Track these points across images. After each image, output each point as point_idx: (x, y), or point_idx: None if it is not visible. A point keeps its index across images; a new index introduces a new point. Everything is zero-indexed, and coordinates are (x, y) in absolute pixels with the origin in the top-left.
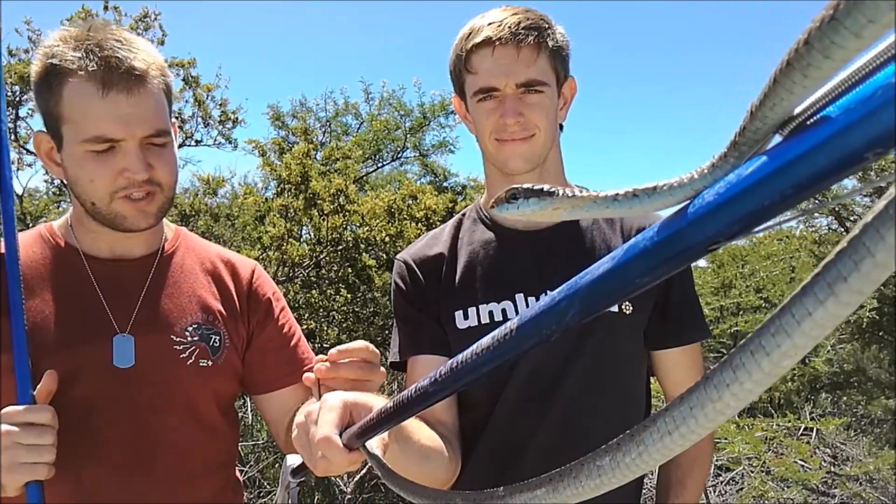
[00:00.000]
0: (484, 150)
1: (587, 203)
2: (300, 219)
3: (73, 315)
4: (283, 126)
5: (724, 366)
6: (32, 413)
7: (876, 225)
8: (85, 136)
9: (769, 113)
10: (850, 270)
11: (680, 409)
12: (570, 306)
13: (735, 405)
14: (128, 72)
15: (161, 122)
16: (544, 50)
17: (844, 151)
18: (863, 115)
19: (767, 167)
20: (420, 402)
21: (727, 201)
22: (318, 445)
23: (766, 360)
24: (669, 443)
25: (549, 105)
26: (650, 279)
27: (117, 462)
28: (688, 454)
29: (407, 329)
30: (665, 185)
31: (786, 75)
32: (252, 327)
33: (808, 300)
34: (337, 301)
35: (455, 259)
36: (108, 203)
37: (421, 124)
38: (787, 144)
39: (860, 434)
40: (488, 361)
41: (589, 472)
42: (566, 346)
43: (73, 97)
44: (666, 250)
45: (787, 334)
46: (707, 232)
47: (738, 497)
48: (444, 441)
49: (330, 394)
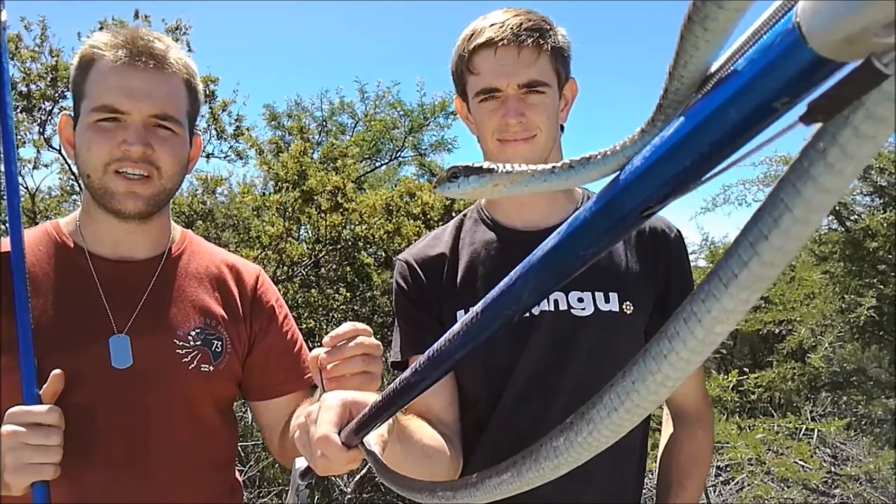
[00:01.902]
0: (486, 150)
1: (526, 177)
2: (298, 217)
3: (74, 314)
4: (279, 126)
5: (660, 336)
6: (40, 413)
7: (792, 179)
8: (94, 104)
9: (683, 71)
10: (770, 228)
11: (623, 383)
12: (525, 284)
13: (675, 375)
14: (148, 52)
15: (171, 107)
16: (546, 51)
17: (752, 104)
18: (763, 65)
19: (684, 128)
20: (406, 393)
21: (652, 165)
22: (317, 444)
23: (699, 327)
24: (617, 418)
25: (551, 106)
26: (595, 250)
27: (115, 462)
28: (688, 455)
29: (408, 329)
30: (598, 154)
31: (688, 29)
32: (254, 334)
33: (733, 262)
34: (336, 300)
35: (456, 259)
36: (102, 175)
37: (421, 125)
38: (700, 102)
39: (860, 434)
40: (461, 346)
41: (546, 453)
42: (566, 347)
43: (95, 73)
44: (603, 220)
45: (716, 298)
46: (638, 197)
47: (738, 497)
48: (446, 440)
49: (329, 393)
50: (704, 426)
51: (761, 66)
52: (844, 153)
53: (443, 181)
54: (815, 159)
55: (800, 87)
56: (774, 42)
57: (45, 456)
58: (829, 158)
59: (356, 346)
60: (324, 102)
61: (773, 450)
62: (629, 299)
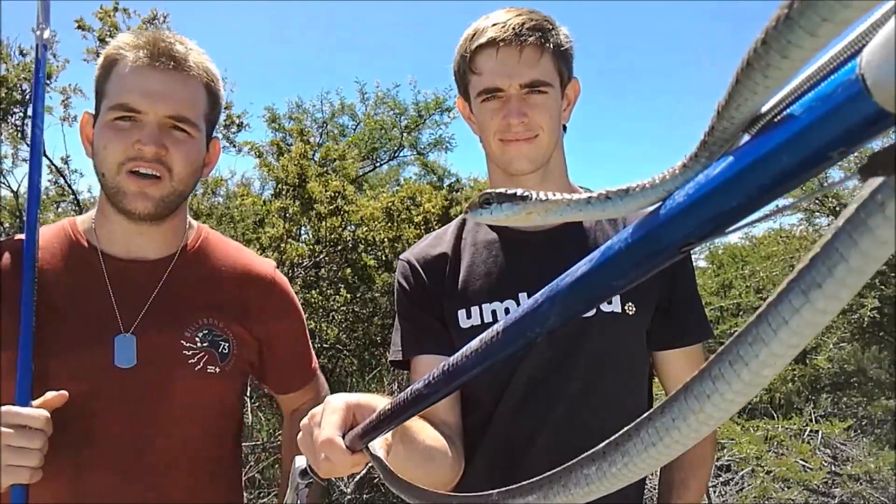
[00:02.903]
0: (488, 150)
1: (560, 207)
2: (299, 219)
3: (81, 313)
4: (280, 128)
5: (703, 376)
6: (27, 416)
7: (848, 230)
8: (112, 103)
9: (735, 113)
10: (825, 276)
11: (662, 419)
12: (551, 309)
13: (718, 415)
14: (167, 53)
15: (188, 110)
16: (548, 51)
17: (807, 151)
18: (823, 113)
19: (732, 168)
20: (416, 404)
21: (696, 202)
22: (321, 447)
23: (745, 371)
24: (654, 453)
25: (553, 106)
26: (626, 281)
27: (118, 463)
28: (690, 455)
29: (410, 328)
30: (637, 187)
31: (747, 76)
32: (266, 332)
33: (784, 308)
34: (337, 301)
35: (458, 259)
36: (115, 174)
37: (416, 123)
38: (751, 144)
39: (860, 434)
40: (477, 364)
41: (577, 480)
42: (568, 347)
43: (115, 73)
44: (639, 253)
45: (764, 343)
46: (678, 233)
47: (738, 497)
48: (448, 441)
49: (333, 396)
50: None
51: (820, 115)
52: None
53: (475, 207)
54: (873, 211)
55: (858, 138)
56: (835, 91)
57: (25, 459)
58: (888, 211)
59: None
60: (324, 104)
61: (774, 450)
62: (631, 300)
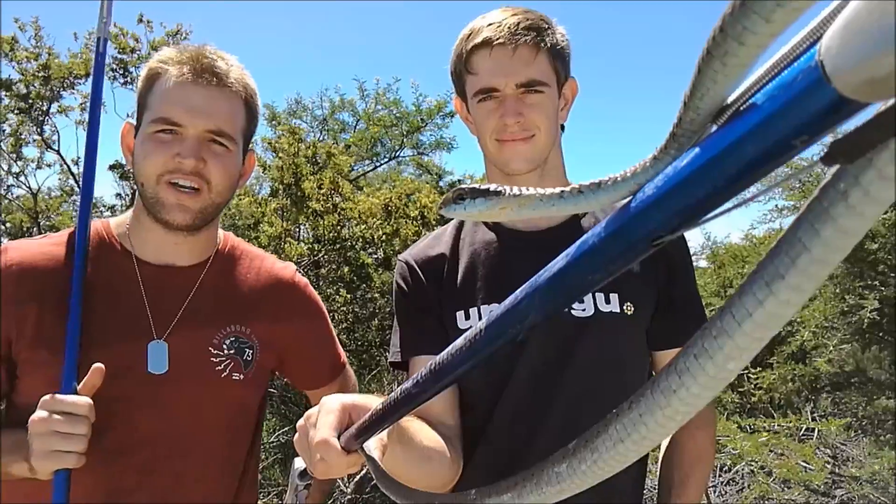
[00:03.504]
0: (485, 150)
1: (533, 201)
2: (296, 218)
3: (116, 316)
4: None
5: (670, 370)
6: (70, 403)
7: (811, 219)
8: (154, 116)
9: (700, 103)
10: (788, 267)
11: (630, 415)
12: (530, 305)
13: (685, 410)
14: (209, 70)
15: (227, 124)
16: (544, 50)
17: (770, 140)
18: (784, 102)
19: (698, 160)
20: (406, 404)
21: (664, 195)
22: (316, 448)
23: (711, 364)
24: (623, 449)
25: (550, 105)
26: (603, 275)
27: (143, 463)
28: (689, 455)
29: (409, 329)
30: (609, 181)
31: (707, 63)
32: (291, 335)
33: (748, 300)
34: (336, 301)
35: (457, 259)
36: (155, 185)
37: (418, 126)
38: (717, 135)
39: (860, 434)
40: (463, 361)
41: (549, 478)
42: (567, 348)
43: (158, 87)
44: (612, 247)
45: (728, 336)
46: (648, 226)
47: (739, 498)
48: (446, 441)
49: (328, 396)
50: (706, 426)
51: (781, 103)
52: (867, 195)
53: (449, 202)
54: (835, 200)
55: (820, 125)
56: (796, 79)
57: (71, 444)
58: (850, 200)
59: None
60: (324, 101)
61: (775, 451)
62: (630, 300)
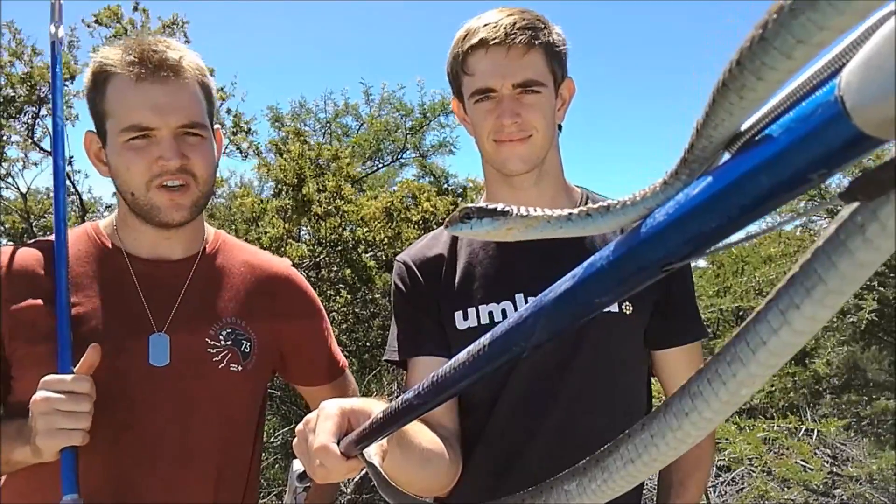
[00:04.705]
0: (482, 151)
1: (541, 223)
2: (297, 220)
3: (113, 312)
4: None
5: (682, 393)
6: (71, 382)
7: (828, 251)
8: (122, 125)
9: (713, 132)
10: (803, 297)
11: (641, 436)
12: (535, 324)
13: (696, 433)
14: (161, 63)
15: (195, 114)
16: (540, 50)
17: (787, 173)
18: (801, 135)
19: (711, 189)
20: (408, 414)
21: (676, 222)
22: (315, 454)
23: (723, 390)
24: (633, 470)
25: (547, 105)
26: (610, 298)
27: (146, 458)
28: (689, 455)
29: (407, 330)
30: (618, 204)
31: (723, 96)
32: (286, 329)
33: (762, 328)
34: (337, 302)
35: (455, 260)
36: (146, 192)
37: (421, 124)
38: (731, 164)
39: (860, 435)
40: (465, 376)
41: (558, 495)
42: (565, 349)
43: (114, 91)
44: (621, 270)
45: (742, 363)
46: (659, 253)
47: (738, 498)
48: (446, 444)
49: (328, 401)
50: None
51: (799, 136)
52: (884, 229)
53: (455, 221)
54: (852, 233)
55: (839, 160)
56: (814, 113)
57: (75, 422)
58: (867, 233)
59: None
60: (328, 104)
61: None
62: (629, 300)
